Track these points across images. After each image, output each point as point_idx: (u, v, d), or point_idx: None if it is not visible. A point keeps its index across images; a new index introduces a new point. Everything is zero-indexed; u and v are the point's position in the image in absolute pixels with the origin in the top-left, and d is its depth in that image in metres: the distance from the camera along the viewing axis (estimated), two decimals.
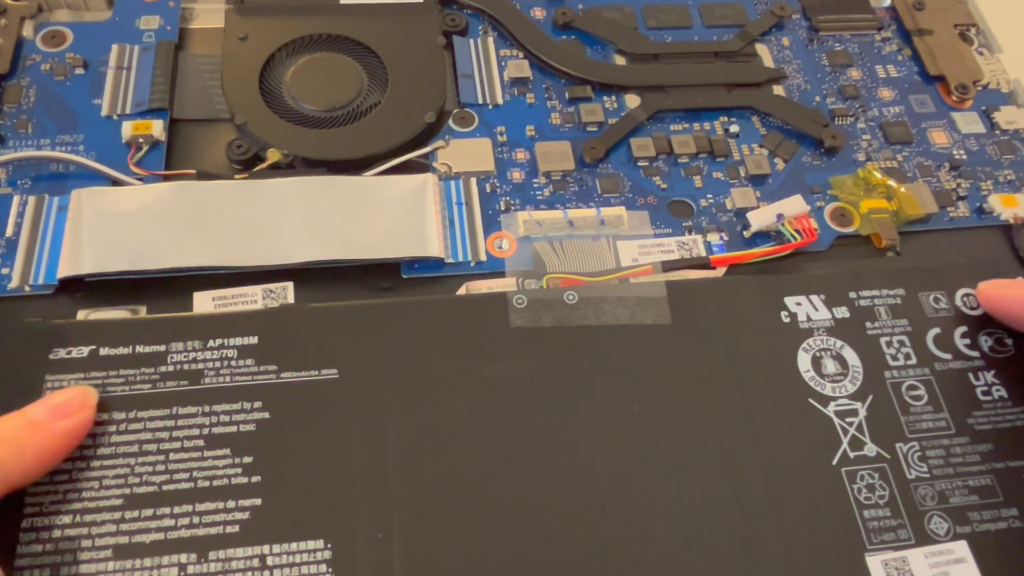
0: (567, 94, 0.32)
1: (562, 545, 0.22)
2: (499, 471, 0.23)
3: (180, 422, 0.22)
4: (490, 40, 0.33)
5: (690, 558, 0.22)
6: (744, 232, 0.29)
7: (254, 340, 0.24)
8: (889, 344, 0.26)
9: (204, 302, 0.26)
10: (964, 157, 0.32)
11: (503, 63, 0.33)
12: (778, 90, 0.33)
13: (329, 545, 0.21)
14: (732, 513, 0.23)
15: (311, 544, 0.21)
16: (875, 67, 0.34)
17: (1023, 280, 0.28)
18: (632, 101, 0.32)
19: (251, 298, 0.26)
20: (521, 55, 0.33)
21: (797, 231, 0.28)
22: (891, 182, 0.30)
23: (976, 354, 0.26)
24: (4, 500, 0.20)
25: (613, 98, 0.32)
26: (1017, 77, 0.34)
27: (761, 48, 0.34)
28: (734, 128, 0.32)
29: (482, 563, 0.21)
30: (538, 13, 0.35)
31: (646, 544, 0.22)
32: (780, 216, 0.28)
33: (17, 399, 0.22)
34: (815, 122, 0.32)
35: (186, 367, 0.23)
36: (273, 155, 0.28)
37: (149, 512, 0.21)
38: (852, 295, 0.27)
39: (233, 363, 0.24)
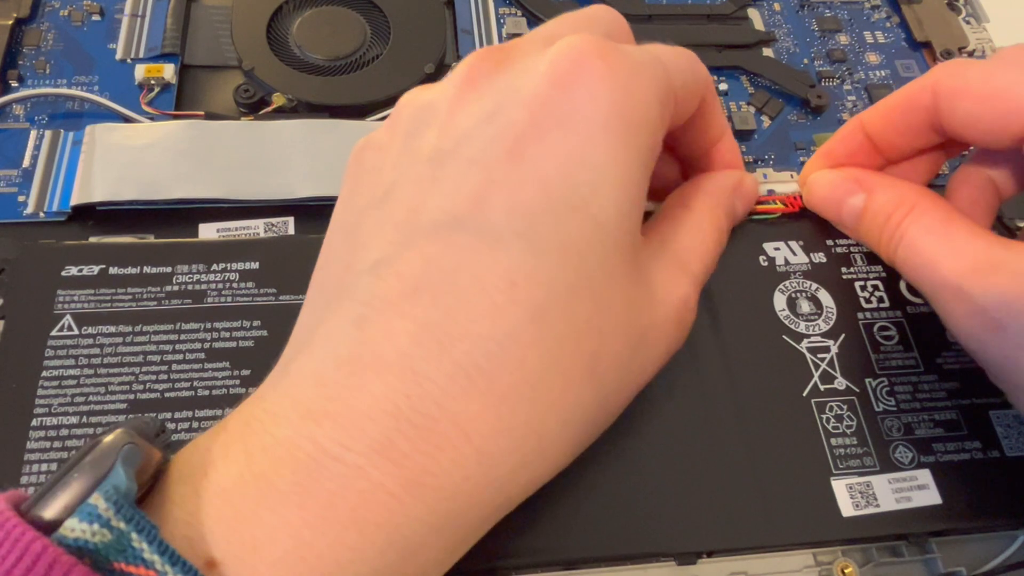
0: None
1: None
2: None
3: (183, 336, 0.24)
4: None
5: (666, 477, 0.23)
6: None
7: (255, 265, 0.25)
8: (863, 288, 0.27)
9: (209, 232, 0.27)
10: None
11: (502, 20, 0.34)
12: (767, 52, 0.34)
13: None
14: (706, 436, 0.24)
15: None
16: (863, 33, 0.35)
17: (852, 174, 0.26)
18: None
19: (253, 230, 0.27)
20: (519, 13, 0.34)
21: (784, 202, 0.29)
22: None
23: None
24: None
25: None
26: (1003, 46, 0.35)
27: (753, 12, 0.35)
28: (723, 86, 0.33)
29: None
30: None
31: (624, 467, 0.23)
32: (771, 192, 0.29)
33: (31, 313, 0.24)
34: (802, 82, 0.33)
35: (190, 287, 0.25)
36: (278, 99, 0.30)
37: (151, 416, 0.22)
38: (829, 242, 0.28)
39: (235, 285, 0.25)
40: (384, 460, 0.15)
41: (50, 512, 0.13)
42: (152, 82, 0.30)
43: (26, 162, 0.28)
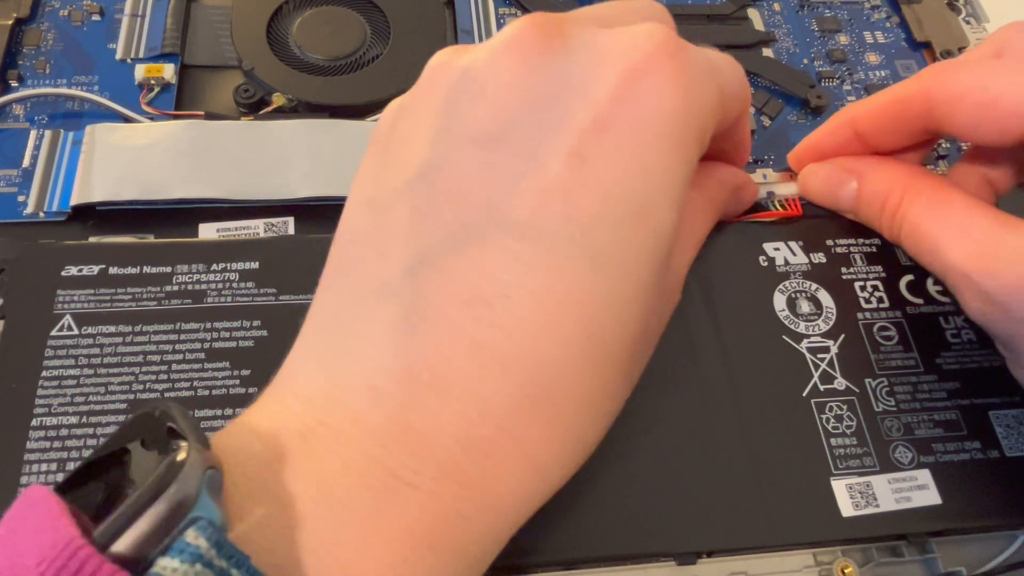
0: None
1: None
2: None
3: (183, 336, 0.24)
4: None
5: (666, 477, 0.23)
6: None
7: (255, 265, 0.25)
8: (863, 288, 0.27)
9: (209, 232, 0.27)
10: None
11: (502, 20, 0.34)
12: (767, 52, 0.34)
13: None
14: (706, 436, 0.24)
15: None
16: (863, 33, 0.35)
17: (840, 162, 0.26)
18: None
19: (253, 230, 0.27)
20: (519, 13, 0.34)
21: (783, 205, 0.29)
22: None
23: (947, 300, 0.27)
24: None
25: None
26: None
27: (753, 12, 0.35)
28: None
29: None
30: None
31: (624, 467, 0.23)
32: (771, 193, 0.29)
33: (31, 313, 0.24)
34: (802, 83, 0.33)
35: (190, 287, 0.25)
36: (278, 99, 0.30)
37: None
38: (829, 243, 0.28)
39: (234, 285, 0.25)
40: (454, 484, 0.16)
41: (127, 544, 0.12)
42: (152, 82, 0.30)
43: (26, 162, 0.28)
